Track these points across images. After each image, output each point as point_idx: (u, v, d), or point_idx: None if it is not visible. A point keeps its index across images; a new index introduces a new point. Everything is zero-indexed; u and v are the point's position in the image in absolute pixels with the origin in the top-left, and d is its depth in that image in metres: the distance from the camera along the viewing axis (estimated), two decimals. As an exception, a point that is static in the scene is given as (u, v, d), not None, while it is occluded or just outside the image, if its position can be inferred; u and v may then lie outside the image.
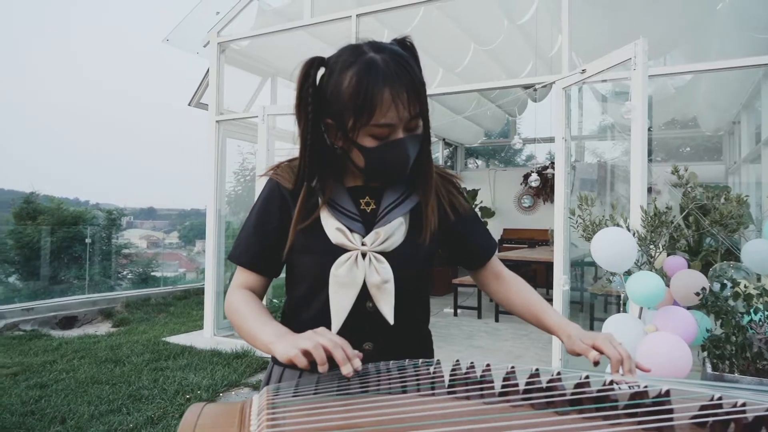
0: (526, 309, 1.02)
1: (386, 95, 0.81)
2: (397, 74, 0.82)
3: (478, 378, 0.76)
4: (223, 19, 4.48)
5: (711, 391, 0.68)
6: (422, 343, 1.06)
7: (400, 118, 0.83)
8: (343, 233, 0.90)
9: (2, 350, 4.28)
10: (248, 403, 0.70)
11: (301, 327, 0.96)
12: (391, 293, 0.90)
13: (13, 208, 10.47)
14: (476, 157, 11.31)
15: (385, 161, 0.87)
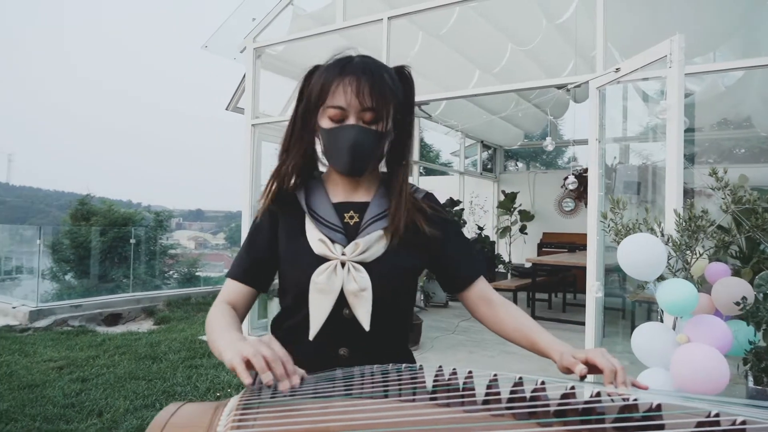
0: (519, 332, 1.00)
1: (344, 80, 0.91)
2: (362, 69, 0.92)
3: (461, 386, 0.74)
4: (259, 25, 4.57)
5: (708, 406, 0.64)
6: (399, 353, 1.05)
7: (352, 105, 0.91)
8: (325, 244, 0.95)
9: (51, 344, 4.50)
10: (224, 403, 0.71)
11: (284, 334, 1.01)
12: (368, 301, 0.93)
13: (70, 210, 11.04)
14: (516, 159, 11.12)
15: (336, 143, 0.94)
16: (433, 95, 4.14)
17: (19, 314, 5.27)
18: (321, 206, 1.00)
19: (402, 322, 1.05)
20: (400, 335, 1.06)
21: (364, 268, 0.94)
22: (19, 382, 3.46)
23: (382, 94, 0.92)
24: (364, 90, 0.90)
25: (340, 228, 0.97)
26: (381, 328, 0.96)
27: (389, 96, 0.93)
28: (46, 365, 3.86)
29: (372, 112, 0.92)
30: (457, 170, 9.03)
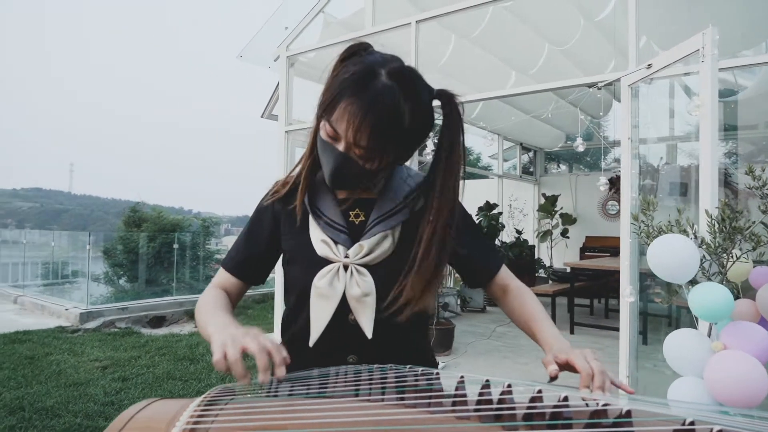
0: (524, 321, 0.96)
1: (351, 107, 0.79)
2: (374, 103, 0.79)
3: (428, 387, 0.73)
4: (292, 34, 4.67)
5: (684, 414, 0.60)
6: (416, 358, 0.97)
7: (346, 135, 0.81)
8: (328, 245, 0.90)
9: (98, 345, 4.72)
10: (196, 400, 0.72)
11: (290, 339, 0.98)
12: (372, 307, 0.88)
13: (123, 217, 11.58)
14: (558, 161, 10.85)
15: (323, 158, 0.88)
16: (465, 97, 4.11)
17: (71, 316, 5.55)
18: (325, 204, 0.95)
19: (415, 328, 0.98)
20: (416, 341, 1.00)
21: (368, 271, 0.89)
22: (66, 380, 3.64)
23: (382, 139, 0.81)
24: (363, 128, 0.79)
25: (344, 228, 0.92)
26: (391, 333, 0.91)
27: (391, 140, 0.82)
28: (92, 364, 4.05)
29: (364, 150, 0.82)
30: (495, 173, 8.90)
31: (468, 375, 0.72)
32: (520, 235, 7.73)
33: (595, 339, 5.15)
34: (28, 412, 3.02)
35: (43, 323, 5.53)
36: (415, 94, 0.83)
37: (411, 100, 0.82)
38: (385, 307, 0.88)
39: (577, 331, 5.43)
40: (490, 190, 8.75)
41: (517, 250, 7.26)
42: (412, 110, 0.82)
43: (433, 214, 0.88)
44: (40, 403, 3.17)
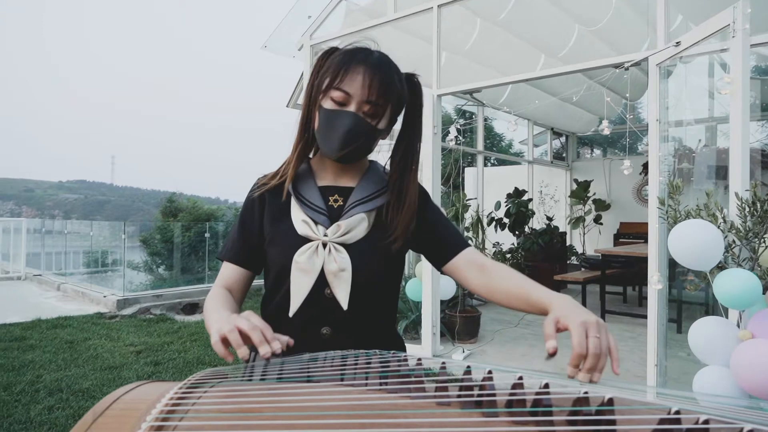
0: (510, 292, 0.91)
1: (359, 68, 0.93)
2: (378, 64, 0.94)
3: (410, 372, 0.72)
4: (315, 23, 4.66)
5: (669, 403, 0.58)
6: (383, 335, 1.05)
7: (357, 94, 0.93)
8: (308, 225, 0.98)
9: (134, 330, 4.89)
10: (183, 382, 0.74)
11: (268, 314, 1.03)
12: (348, 281, 0.95)
13: (160, 207, 11.92)
14: (592, 146, 10.55)
15: (333, 125, 0.95)
16: (488, 81, 4.02)
17: (108, 302, 5.77)
18: (307, 189, 1.02)
19: (385, 304, 1.05)
20: (384, 317, 1.06)
21: (345, 249, 0.96)
22: (102, 364, 3.79)
23: (387, 93, 0.94)
24: (373, 84, 0.92)
25: (324, 210, 0.99)
26: (362, 308, 0.98)
27: (393, 97, 0.96)
28: (127, 349, 4.20)
29: (373, 106, 0.94)
30: (526, 159, 8.74)
31: (475, 365, 0.71)
32: (551, 222, 7.58)
33: (627, 327, 5.03)
34: (65, 394, 3.17)
35: (84, 309, 5.77)
36: (397, 69, 1.00)
37: (396, 71, 0.99)
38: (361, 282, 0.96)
39: (609, 318, 5.31)
40: (520, 176, 8.61)
41: (547, 237, 7.13)
42: (399, 77, 0.99)
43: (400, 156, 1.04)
44: (77, 385, 3.32)
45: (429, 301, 4.01)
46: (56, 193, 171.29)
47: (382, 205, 1.01)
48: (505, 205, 7.34)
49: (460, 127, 6.05)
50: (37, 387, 3.28)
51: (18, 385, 3.31)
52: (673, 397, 0.63)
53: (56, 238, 9.46)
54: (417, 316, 4.32)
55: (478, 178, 7.46)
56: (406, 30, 4.72)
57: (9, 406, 2.98)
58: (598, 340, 0.71)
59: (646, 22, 5.03)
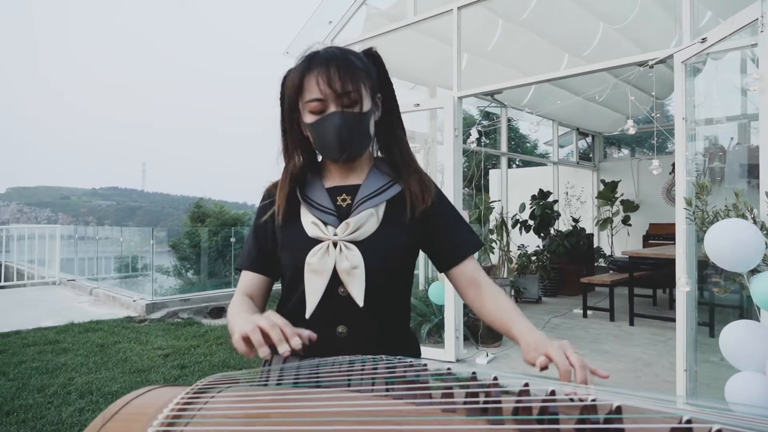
0: (497, 317, 0.97)
1: (314, 73, 0.93)
2: (327, 58, 0.94)
3: (415, 378, 0.72)
4: (336, 28, 4.70)
5: (679, 411, 0.56)
6: (398, 333, 1.05)
7: (327, 93, 0.93)
8: (317, 226, 0.99)
9: (162, 334, 4.99)
10: (191, 387, 0.74)
11: (285, 316, 1.02)
12: (361, 278, 0.95)
13: (188, 212, 12.15)
14: (619, 145, 10.34)
15: (322, 133, 0.97)
16: (511, 82, 3.98)
17: (138, 307, 5.90)
18: (314, 192, 1.04)
19: (399, 301, 1.05)
20: (399, 315, 1.06)
21: (356, 246, 0.96)
22: (131, 367, 3.88)
23: (353, 76, 0.94)
24: (334, 76, 0.92)
25: (332, 210, 1.00)
26: (377, 305, 0.98)
27: (360, 75, 0.95)
28: (155, 353, 4.29)
29: (348, 96, 0.94)
30: (551, 160, 8.62)
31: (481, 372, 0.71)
32: (577, 224, 7.45)
33: (657, 331, 4.90)
34: (95, 396, 3.25)
35: (114, 313, 5.91)
36: (349, 49, 1.00)
37: (350, 51, 0.99)
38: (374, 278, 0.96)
39: (638, 322, 5.18)
40: (546, 177, 8.49)
41: (573, 239, 7.01)
42: (356, 56, 0.98)
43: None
44: (107, 387, 3.40)
45: (452, 304, 3.98)
46: (90, 200, 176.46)
47: (394, 196, 1.01)
48: (529, 207, 7.25)
49: (482, 129, 6.00)
50: (69, 389, 3.37)
51: (51, 387, 3.41)
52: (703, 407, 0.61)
53: (89, 244, 9.73)
54: (440, 319, 4.30)
55: (502, 179, 7.39)
56: (426, 33, 4.71)
57: (42, 407, 3.07)
58: (577, 355, 0.75)
59: (673, 18, 4.92)
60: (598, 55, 5.61)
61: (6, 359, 4.04)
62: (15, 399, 3.19)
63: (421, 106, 4.26)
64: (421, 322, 4.50)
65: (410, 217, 1.00)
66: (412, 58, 5.34)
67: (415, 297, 4.89)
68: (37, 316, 5.69)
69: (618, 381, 3.58)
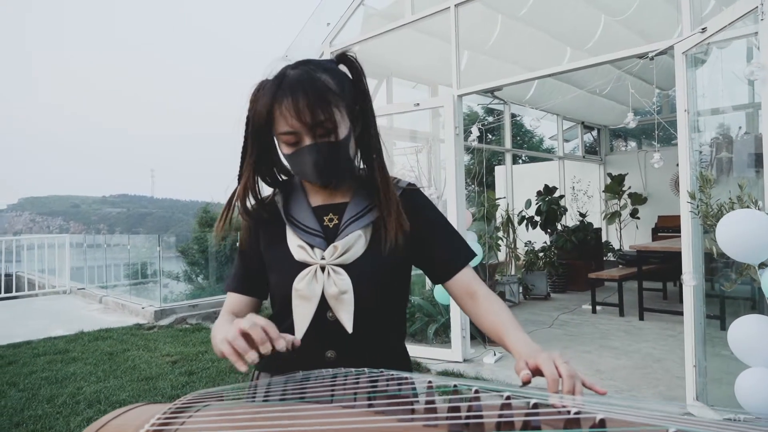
0: (492, 328, 0.94)
1: (284, 105, 0.86)
2: (294, 85, 0.86)
3: (397, 392, 0.70)
4: (334, 29, 4.69)
5: (667, 423, 0.54)
6: (390, 354, 1.03)
7: (298, 126, 0.87)
8: (305, 249, 0.95)
9: (170, 341, 5.00)
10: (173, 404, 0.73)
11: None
12: (350, 303, 0.92)
13: (196, 217, 12.20)
14: (626, 138, 10.25)
15: (300, 166, 0.92)
16: (513, 78, 3.95)
17: (147, 314, 5.93)
18: (300, 212, 1.00)
19: (391, 321, 1.02)
20: (392, 334, 1.03)
21: (345, 270, 0.92)
22: (139, 374, 3.89)
23: (324, 103, 0.86)
24: (303, 108, 0.85)
25: (319, 232, 0.96)
26: (367, 329, 0.95)
27: (333, 100, 0.87)
28: (163, 359, 4.30)
29: (320, 126, 0.87)
30: (556, 155, 8.56)
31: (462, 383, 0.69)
32: (584, 218, 7.39)
33: (666, 325, 4.85)
34: (103, 405, 3.26)
35: (123, 321, 5.94)
36: (320, 64, 0.92)
37: (320, 69, 0.90)
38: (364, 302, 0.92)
39: (648, 317, 5.13)
40: (552, 172, 8.43)
41: (581, 234, 6.96)
42: (327, 73, 0.89)
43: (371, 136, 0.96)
44: (115, 396, 3.41)
45: (458, 304, 3.95)
46: (100, 208, 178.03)
47: (377, 218, 0.96)
48: (535, 203, 7.20)
49: (485, 126, 5.97)
50: (77, 399, 3.39)
51: (60, 397, 3.43)
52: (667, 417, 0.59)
53: (98, 252, 9.80)
54: (447, 319, 4.28)
55: (507, 176, 7.34)
56: (425, 31, 4.69)
57: (51, 418, 3.08)
58: (567, 365, 0.72)
59: (675, 8, 4.85)
60: (600, 48, 5.55)
61: (17, 370, 4.08)
62: (25, 410, 3.21)
63: (421, 105, 4.24)
64: (427, 323, 4.48)
65: (391, 245, 0.94)
66: (412, 57, 5.32)
67: (422, 297, 4.87)
68: (48, 326, 5.74)
69: (627, 377, 3.54)
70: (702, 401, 2.74)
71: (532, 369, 0.74)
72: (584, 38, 5.65)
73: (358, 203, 0.98)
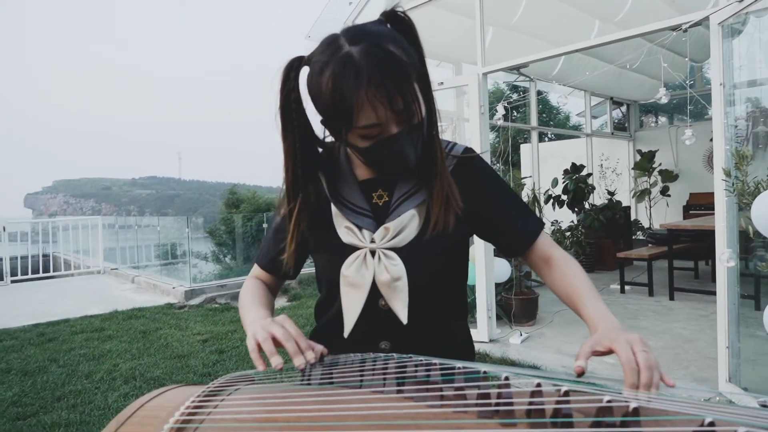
0: (567, 296, 0.87)
1: (363, 97, 0.73)
2: (374, 71, 0.73)
3: (426, 378, 0.70)
4: (356, 9, 4.63)
5: (703, 412, 0.53)
6: (451, 339, 0.96)
7: (384, 116, 0.76)
8: (352, 231, 0.87)
9: (200, 320, 5.13)
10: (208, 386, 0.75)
11: (320, 328, 0.99)
12: (404, 291, 0.85)
13: (223, 199, 12.40)
14: (656, 113, 9.94)
15: (382, 159, 0.82)
16: (539, 54, 3.85)
17: (177, 293, 6.08)
18: (346, 188, 0.91)
19: (451, 306, 0.95)
20: (451, 320, 0.96)
21: (397, 254, 0.85)
22: (171, 353, 4.01)
23: (408, 84, 0.75)
24: (393, 95, 0.74)
25: (368, 211, 0.88)
26: (424, 316, 0.88)
27: (410, 77, 0.76)
28: (194, 338, 4.42)
29: (404, 110, 0.77)
30: (584, 132, 8.37)
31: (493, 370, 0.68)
32: (613, 197, 7.24)
33: (698, 305, 4.75)
34: (138, 381, 3.38)
35: (155, 300, 6.11)
36: (381, 33, 0.76)
37: (387, 40, 0.75)
38: (419, 288, 0.86)
39: (678, 296, 5.03)
40: (579, 150, 8.26)
41: (609, 213, 6.83)
42: (393, 44, 0.76)
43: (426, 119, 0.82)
44: (149, 373, 3.53)
45: (483, 284, 3.95)
46: (131, 190, 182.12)
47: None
48: (562, 181, 7.08)
49: (510, 105, 5.86)
50: (114, 375, 3.52)
51: (98, 373, 3.56)
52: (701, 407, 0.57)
53: (130, 233, 10.06)
54: (472, 299, 4.27)
55: (533, 154, 7.22)
56: (448, 8, 4.60)
57: (90, 393, 3.21)
58: (646, 354, 0.66)
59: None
60: (630, 20, 5.37)
61: (57, 346, 4.24)
62: (65, 385, 3.35)
63: (446, 84, 4.18)
64: (453, 303, 4.49)
65: (439, 228, 0.86)
66: (436, 35, 5.22)
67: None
68: (84, 305, 5.94)
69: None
70: (735, 383, 2.69)
71: (606, 351, 0.69)
72: (613, 10, 5.46)
73: (409, 179, 0.89)
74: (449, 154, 0.93)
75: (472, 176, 0.93)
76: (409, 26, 0.81)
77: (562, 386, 0.60)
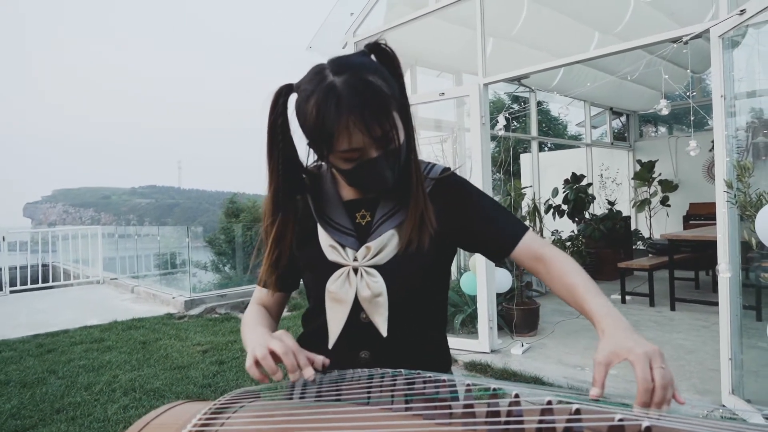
0: (568, 293, 0.86)
1: (344, 124, 0.79)
2: (355, 100, 0.78)
3: (435, 395, 0.70)
4: (357, 19, 4.66)
5: (715, 432, 0.53)
6: (429, 350, 1.00)
7: (362, 142, 0.81)
8: (337, 250, 0.92)
9: (200, 330, 5.11)
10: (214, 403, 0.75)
11: (307, 336, 1.02)
12: (384, 306, 0.90)
13: (223, 208, 12.39)
14: (656, 123, 9.98)
15: (363, 180, 0.88)
16: (539, 65, 3.87)
17: (177, 303, 6.06)
18: (331, 208, 0.96)
19: (430, 321, 0.99)
20: (430, 329, 1.00)
21: (378, 271, 0.90)
22: (171, 363, 3.99)
23: (387, 113, 0.81)
24: (371, 124, 0.79)
25: (351, 231, 0.93)
26: (403, 329, 0.92)
27: (390, 106, 0.82)
28: (194, 349, 4.40)
29: (383, 137, 0.82)
30: (584, 142, 8.39)
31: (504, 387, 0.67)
32: (613, 207, 7.25)
33: (699, 315, 4.74)
34: (138, 393, 3.35)
35: (155, 311, 6.09)
36: (363, 65, 0.83)
37: (368, 71, 0.81)
38: (399, 304, 0.90)
39: (679, 307, 5.02)
40: (579, 160, 8.28)
41: (609, 223, 6.83)
42: (375, 74, 0.82)
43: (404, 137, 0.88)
44: (149, 384, 3.51)
45: (484, 294, 3.94)
46: (130, 199, 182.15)
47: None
48: (562, 191, 7.09)
49: (510, 115, 5.88)
50: (113, 387, 3.49)
51: (97, 384, 3.54)
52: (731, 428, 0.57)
53: (129, 242, 10.04)
54: (473, 309, 4.26)
55: (534, 164, 7.24)
56: (449, 19, 4.63)
57: (90, 405, 3.19)
58: (663, 371, 0.65)
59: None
60: (630, 32, 5.40)
61: (56, 358, 4.22)
62: (64, 397, 3.33)
63: (447, 94, 4.20)
64: (454, 313, 4.48)
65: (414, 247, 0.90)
66: (437, 46, 5.26)
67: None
68: (83, 315, 5.92)
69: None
70: (738, 395, 2.68)
71: (619, 362, 0.68)
72: (613, 22, 5.50)
73: (390, 200, 0.94)
74: (427, 176, 0.97)
75: (451, 193, 0.97)
76: (391, 58, 0.88)
77: (573, 404, 0.60)
